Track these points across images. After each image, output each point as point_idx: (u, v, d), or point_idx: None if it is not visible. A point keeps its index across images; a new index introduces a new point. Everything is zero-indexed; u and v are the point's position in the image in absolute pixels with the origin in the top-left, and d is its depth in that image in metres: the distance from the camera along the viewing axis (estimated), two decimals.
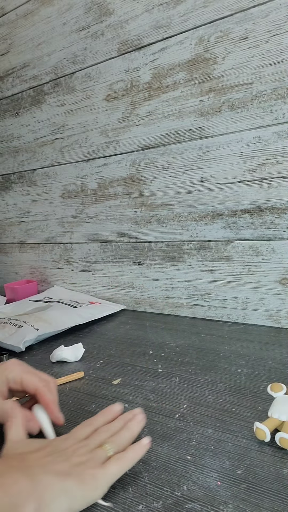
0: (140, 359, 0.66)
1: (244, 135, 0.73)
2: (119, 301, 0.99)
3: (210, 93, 0.75)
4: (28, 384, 0.47)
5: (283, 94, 0.68)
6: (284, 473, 0.37)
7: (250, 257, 0.76)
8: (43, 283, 1.16)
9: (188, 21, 0.75)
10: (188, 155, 0.80)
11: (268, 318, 0.76)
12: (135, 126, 0.87)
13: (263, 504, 0.34)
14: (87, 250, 1.03)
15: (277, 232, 0.73)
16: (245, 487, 0.36)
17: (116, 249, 0.97)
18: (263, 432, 0.41)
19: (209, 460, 0.40)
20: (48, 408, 0.45)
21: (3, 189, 1.20)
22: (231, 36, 0.71)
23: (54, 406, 0.46)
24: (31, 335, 0.74)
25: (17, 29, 1.03)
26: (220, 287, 0.81)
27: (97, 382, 0.59)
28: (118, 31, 0.85)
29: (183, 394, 0.53)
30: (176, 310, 0.89)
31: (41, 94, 1.03)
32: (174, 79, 0.79)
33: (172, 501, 0.35)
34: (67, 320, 0.81)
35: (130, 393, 0.55)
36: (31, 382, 0.47)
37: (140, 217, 0.90)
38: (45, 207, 1.09)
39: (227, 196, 0.77)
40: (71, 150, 1.00)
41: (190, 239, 0.84)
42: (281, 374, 0.56)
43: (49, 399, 0.46)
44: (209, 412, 0.48)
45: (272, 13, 0.67)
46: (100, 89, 0.91)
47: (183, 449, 0.42)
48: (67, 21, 0.93)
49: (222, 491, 0.35)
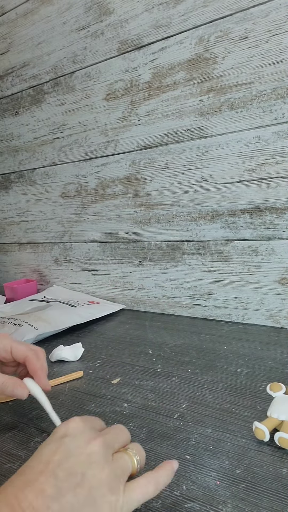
0: (140, 359, 0.66)
1: (244, 135, 0.73)
2: (118, 300, 0.99)
3: (210, 93, 0.75)
4: (18, 353, 0.48)
5: (283, 94, 0.68)
6: (283, 473, 0.37)
7: (249, 257, 0.76)
8: (43, 283, 1.16)
9: (188, 20, 0.75)
10: (187, 155, 0.80)
11: (267, 318, 0.76)
12: (134, 125, 0.87)
13: (262, 503, 0.34)
14: (87, 250, 1.03)
15: (277, 232, 0.73)
16: (244, 486, 0.36)
17: (115, 248, 0.97)
18: (262, 432, 0.41)
19: (208, 459, 0.40)
20: (36, 374, 0.46)
21: (3, 188, 1.20)
22: (231, 35, 0.71)
23: (42, 373, 0.47)
24: (30, 335, 0.74)
25: (17, 28, 1.03)
26: (219, 287, 0.81)
27: (96, 381, 0.59)
28: (118, 31, 0.85)
29: (182, 394, 0.53)
30: (175, 309, 0.89)
31: (40, 94, 1.02)
32: (174, 78, 0.79)
33: (171, 500, 0.35)
34: (67, 320, 0.81)
35: (129, 393, 0.55)
36: (20, 351, 0.48)
37: (139, 216, 0.90)
38: (44, 206, 1.09)
39: (227, 196, 0.77)
40: (70, 150, 0.99)
41: (190, 239, 0.84)
42: (280, 374, 0.56)
43: (37, 366, 0.47)
44: (208, 411, 0.48)
45: (272, 13, 0.67)
46: (100, 88, 0.91)
47: (182, 449, 0.42)
48: (67, 20, 0.93)
49: (221, 490, 0.35)
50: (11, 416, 0.51)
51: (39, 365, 0.47)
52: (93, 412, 0.51)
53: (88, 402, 0.53)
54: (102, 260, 1.00)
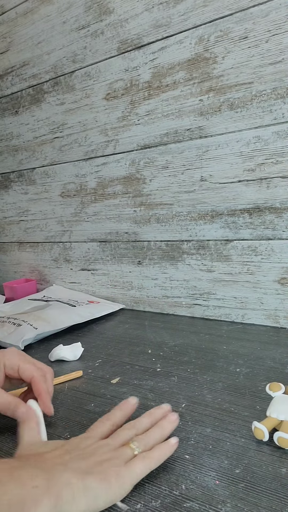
0: (139, 358, 0.66)
1: (244, 134, 0.73)
2: (118, 300, 0.99)
3: (209, 93, 0.75)
4: (24, 372, 0.47)
5: (282, 94, 0.68)
6: (282, 472, 0.37)
7: (249, 257, 0.76)
8: (42, 282, 1.16)
9: (188, 20, 0.75)
10: (187, 155, 0.80)
11: (267, 318, 0.76)
12: (134, 125, 0.87)
13: (261, 503, 0.34)
14: (86, 249, 1.03)
15: (276, 231, 0.73)
16: (243, 486, 0.36)
17: (115, 248, 0.97)
18: (262, 432, 0.41)
19: (207, 459, 0.40)
20: (40, 397, 0.46)
21: (2, 187, 1.20)
22: (231, 35, 0.71)
23: (46, 396, 0.46)
24: (30, 334, 0.74)
25: (17, 28, 1.03)
26: (219, 286, 0.81)
27: (95, 381, 0.59)
28: (118, 30, 0.85)
29: (181, 393, 0.53)
30: (175, 309, 0.89)
31: (40, 93, 1.02)
32: (174, 78, 0.79)
33: (170, 500, 0.35)
34: (66, 319, 0.81)
35: (129, 392, 0.55)
36: (27, 370, 0.47)
37: (139, 216, 0.90)
38: (44, 206, 1.09)
39: (226, 195, 0.77)
40: (70, 149, 0.99)
41: (189, 239, 0.84)
42: (280, 374, 0.56)
43: (43, 388, 0.46)
44: (208, 411, 0.48)
45: (272, 13, 0.67)
46: (99, 88, 0.91)
47: (181, 448, 0.42)
48: (67, 19, 0.92)
49: (220, 490, 0.36)
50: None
51: (44, 388, 0.46)
52: (93, 411, 0.51)
53: (87, 401, 0.53)
54: (102, 260, 1.00)
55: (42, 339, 0.78)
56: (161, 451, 0.37)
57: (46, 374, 0.48)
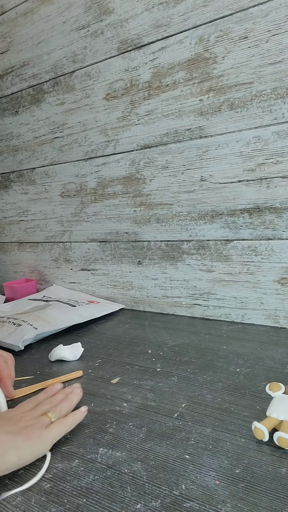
0: (139, 358, 0.66)
1: (244, 134, 0.73)
2: (118, 300, 0.99)
3: (209, 93, 0.75)
4: None
5: (282, 94, 0.68)
6: (282, 472, 0.37)
7: (249, 257, 0.76)
8: (42, 282, 1.16)
9: (188, 20, 0.75)
10: (187, 155, 0.80)
11: (267, 318, 0.76)
12: (134, 125, 0.87)
13: (261, 503, 0.34)
14: (86, 249, 1.03)
15: (276, 231, 0.73)
16: (243, 486, 0.36)
17: (115, 248, 0.97)
18: (262, 432, 0.41)
19: (207, 459, 0.40)
20: (2, 381, 0.52)
21: (2, 187, 1.20)
22: (231, 35, 0.71)
23: (8, 380, 0.53)
24: (30, 334, 0.74)
25: (17, 28, 1.03)
26: (219, 286, 0.81)
27: (95, 381, 0.59)
28: (118, 30, 0.85)
29: (181, 393, 0.53)
30: (175, 309, 0.89)
31: (40, 93, 1.02)
32: (174, 78, 0.79)
33: (170, 500, 0.35)
34: (66, 319, 0.81)
35: (129, 392, 0.55)
36: None
37: (139, 216, 0.90)
38: (44, 206, 1.09)
39: (226, 195, 0.77)
40: (70, 149, 0.99)
41: (189, 239, 0.84)
42: (280, 374, 0.56)
43: (5, 373, 0.53)
44: (208, 411, 0.48)
45: (272, 13, 0.67)
46: (99, 88, 0.91)
47: (181, 448, 0.42)
48: (67, 19, 0.92)
49: (220, 490, 0.36)
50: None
51: (7, 373, 0.53)
52: (93, 411, 0.51)
53: (87, 401, 0.53)
54: (102, 260, 1.00)
55: (42, 339, 0.78)
56: (74, 417, 0.45)
57: (7, 361, 0.55)
